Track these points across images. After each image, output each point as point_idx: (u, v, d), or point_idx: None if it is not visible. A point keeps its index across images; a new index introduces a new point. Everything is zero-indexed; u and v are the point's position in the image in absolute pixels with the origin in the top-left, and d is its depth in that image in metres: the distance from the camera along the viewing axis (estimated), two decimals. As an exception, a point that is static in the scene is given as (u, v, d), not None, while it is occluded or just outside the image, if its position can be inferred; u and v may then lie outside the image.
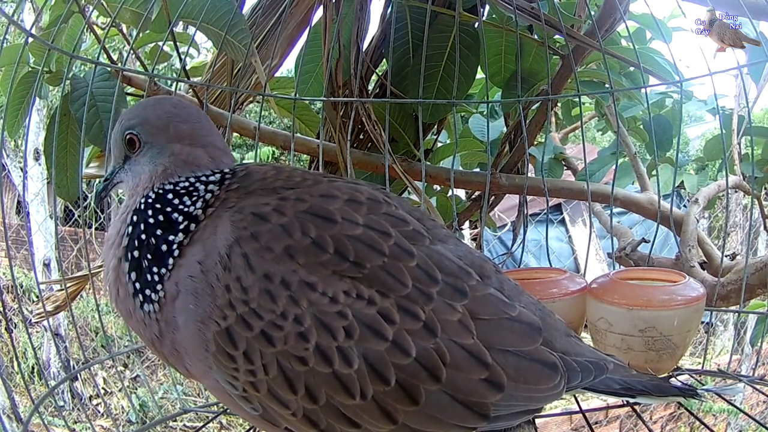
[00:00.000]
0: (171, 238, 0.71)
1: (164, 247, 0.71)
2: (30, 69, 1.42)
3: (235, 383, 0.68)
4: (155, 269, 0.71)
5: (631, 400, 0.81)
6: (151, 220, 0.72)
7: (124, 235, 0.74)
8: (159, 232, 0.72)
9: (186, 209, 0.73)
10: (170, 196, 0.74)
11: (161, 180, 0.75)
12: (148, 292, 0.71)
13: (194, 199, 0.73)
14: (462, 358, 0.68)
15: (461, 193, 2.25)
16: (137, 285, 0.71)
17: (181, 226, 0.72)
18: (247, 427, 1.20)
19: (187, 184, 0.75)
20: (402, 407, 0.66)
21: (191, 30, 1.40)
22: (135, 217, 0.73)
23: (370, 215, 0.72)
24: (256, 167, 0.79)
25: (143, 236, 0.72)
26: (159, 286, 0.70)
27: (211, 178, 0.75)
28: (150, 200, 0.74)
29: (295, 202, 0.71)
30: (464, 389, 0.67)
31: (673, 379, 1.01)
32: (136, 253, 0.72)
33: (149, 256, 0.71)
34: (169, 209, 0.73)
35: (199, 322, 0.67)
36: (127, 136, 0.77)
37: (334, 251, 0.68)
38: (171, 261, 0.70)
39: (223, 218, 0.71)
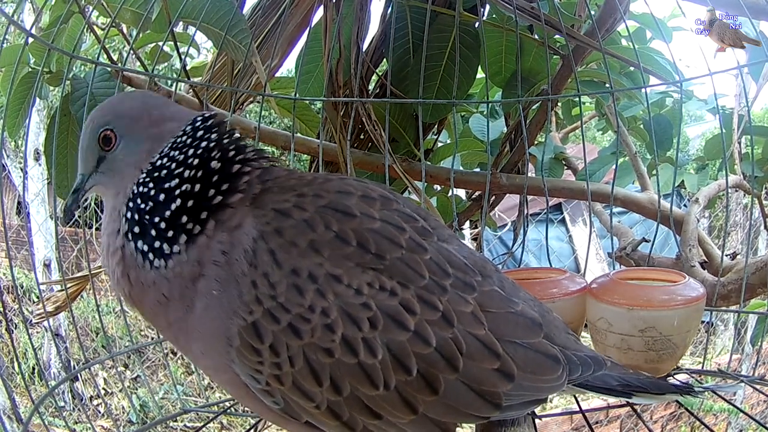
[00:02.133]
0: (166, 185, 0.71)
1: (162, 197, 0.71)
2: (30, 69, 1.42)
3: (259, 377, 0.68)
4: (157, 219, 0.70)
5: (629, 400, 0.81)
6: (145, 190, 0.72)
7: (121, 225, 0.73)
8: (153, 192, 0.72)
9: (179, 156, 0.73)
10: (159, 162, 0.74)
11: (146, 162, 0.75)
12: (157, 244, 0.70)
13: (188, 149, 0.73)
14: (476, 349, 0.69)
15: (461, 193, 2.25)
16: (145, 248, 0.71)
17: (180, 170, 0.72)
18: (247, 428, 1.20)
19: (169, 145, 0.75)
20: (422, 397, 0.68)
21: (191, 30, 1.40)
22: (130, 203, 0.73)
23: (384, 210, 0.74)
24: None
25: (141, 205, 0.72)
26: (170, 232, 0.69)
27: (188, 128, 0.75)
28: (141, 179, 0.74)
29: (314, 198, 0.72)
30: (478, 379, 0.69)
31: (669, 378, 1.01)
32: (137, 228, 0.71)
33: (149, 208, 0.71)
34: (156, 173, 0.73)
35: (222, 313, 0.68)
36: (103, 134, 0.75)
37: (356, 244, 0.69)
38: (176, 205, 0.70)
39: (247, 213, 0.71)
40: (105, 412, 5.06)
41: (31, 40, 1.23)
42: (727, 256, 1.94)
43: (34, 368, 5.05)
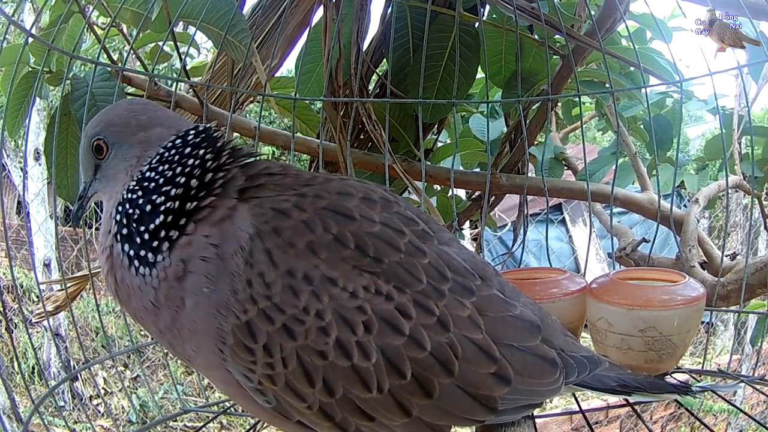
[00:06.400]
0: (154, 197, 0.72)
1: (148, 208, 0.72)
2: (30, 69, 1.41)
3: (251, 376, 0.68)
4: (142, 228, 0.71)
5: (628, 398, 0.82)
6: (134, 196, 0.74)
7: (111, 226, 0.74)
8: (141, 201, 0.73)
9: (167, 173, 0.73)
10: (148, 173, 0.74)
11: (137, 168, 0.76)
12: (143, 252, 0.71)
13: (176, 166, 0.74)
14: (473, 353, 0.69)
15: (461, 193, 2.25)
16: (131, 253, 0.72)
17: (167, 188, 0.72)
18: (247, 428, 1.20)
19: (158, 158, 0.75)
20: (416, 400, 0.68)
21: (191, 30, 1.40)
22: (120, 207, 0.74)
23: (384, 213, 0.74)
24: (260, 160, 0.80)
25: (129, 210, 0.73)
26: (155, 242, 0.70)
27: (177, 141, 0.76)
28: (131, 186, 0.75)
29: (314, 199, 0.72)
30: (474, 383, 0.69)
31: (668, 377, 1.02)
32: (125, 231, 0.73)
33: (136, 216, 0.72)
34: (146, 183, 0.74)
35: (215, 310, 0.67)
36: (95, 143, 0.78)
37: (354, 247, 0.69)
38: (160, 220, 0.70)
39: (239, 209, 0.71)
40: (105, 412, 5.06)
41: (31, 39, 1.23)
42: (727, 256, 1.94)
43: (33, 368, 5.05)
